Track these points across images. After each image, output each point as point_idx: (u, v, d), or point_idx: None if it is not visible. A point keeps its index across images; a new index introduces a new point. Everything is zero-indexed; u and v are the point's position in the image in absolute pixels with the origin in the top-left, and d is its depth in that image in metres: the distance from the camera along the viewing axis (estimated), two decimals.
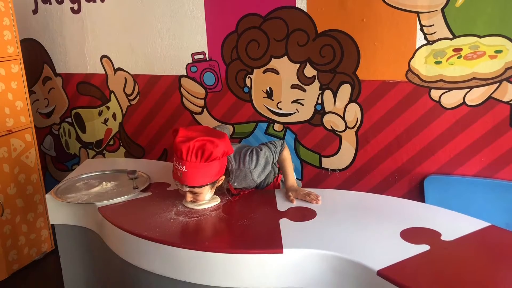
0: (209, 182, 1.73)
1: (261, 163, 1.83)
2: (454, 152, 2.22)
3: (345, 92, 2.35)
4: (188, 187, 1.71)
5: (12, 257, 2.67)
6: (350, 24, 2.24)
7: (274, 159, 1.88)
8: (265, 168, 1.85)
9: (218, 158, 1.70)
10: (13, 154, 2.63)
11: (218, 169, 1.74)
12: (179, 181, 1.72)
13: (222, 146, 1.70)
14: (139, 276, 1.66)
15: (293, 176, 1.93)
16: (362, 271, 1.36)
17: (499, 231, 1.53)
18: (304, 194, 1.80)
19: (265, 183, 1.99)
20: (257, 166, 1.82)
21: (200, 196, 1.76)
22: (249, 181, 1.84)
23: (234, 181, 1.84)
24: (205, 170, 1.69)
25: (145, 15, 2.69)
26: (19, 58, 2.64)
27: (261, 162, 1.83)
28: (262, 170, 1.84)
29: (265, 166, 1.85)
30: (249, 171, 1.82)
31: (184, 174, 1.68)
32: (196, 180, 1.70)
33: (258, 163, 1.82)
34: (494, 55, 2.03)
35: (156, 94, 2.82)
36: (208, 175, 1.71)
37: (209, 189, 1.76)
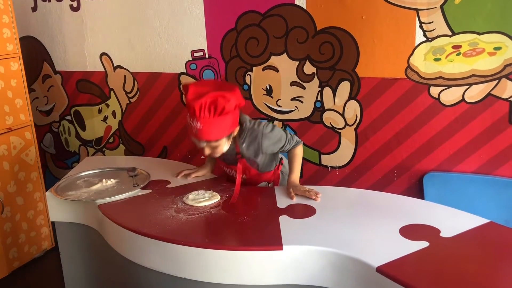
0: (224, 136, 1.76)
1: (276, 134, 1.86)
2: (453, 149, 2.22)
3: (344, 89, 2.35)
4: (205, 142, 1.74)
5: (13, 255, 2.68)
6: (349, 21, 2.24)
7: (286, 144, 1.89)
8: (276, 144, 1.87)
9: (231, 111, 1.72)
10: (13, 152, 2.63)
11: (232, 121, 1.76)
12: (194, 137, 1.75)
13: (234, 99, 1.72)
14: (139, 273, 1.67)
15: (298, 173, 1.93)
16: (362, 268, 1.36)
17: (498, 227, 1.54)
18: (304, 191, 1.81)
19: (266, 168, 1.98)
20: (271, 134, 1.85)
21: (218, 149, 1.79)
22: (257, 146, 1.85)
23: (244, 141, 1.86)
24: (219, 124, 1.71)
25: (145, 12, 2.69)
26: (18, 56, 2.64)
27: (276, 133, 1.86)
28: (274, 143, 1.86)
29: (277, 141, 1.87)
30: (261, 133, 1.84)
31: (199, 131, 1.71)
32: (212, 135, 1.73)
33: (273, 132, 1.85)
34: (493, 52, 2.04)
35: (155, 92, 2.82)
36: (223, 129, 1.74)
37: (225, 141, 1.79)
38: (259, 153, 1.89)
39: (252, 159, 1.91)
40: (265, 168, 1.98)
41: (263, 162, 1.95)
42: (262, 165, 1.96)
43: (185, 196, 1.84)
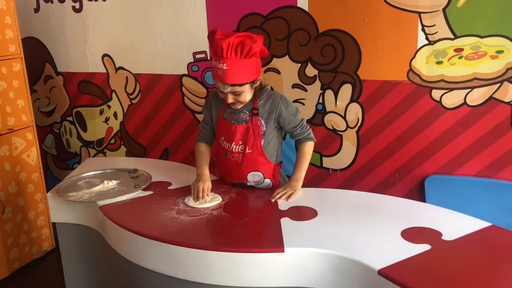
0: (249, 80, 1.79)
1: (294, 107, 1.89)
2: (455, 152, 2.22)
3: (346, 92, 2.35)
4: (230, 86, 1.76)
5: (13, 256, 2.68)
6: (351, 24, 2.24)
7: (299, 126, 1.90)
8: (291, 116, 1.88)
9: (256, 54, 1.75)
10: (14, 153, 2.64)
11: (256, 66, 1.80)
12: (220, 81, 1.77)
13: (260, 41, 1.76)
14: (140, 274, 1.67)
15: (303, 172, 1.92)
16: (363, 270, 1.36)
17: (500, 231, 1.53)
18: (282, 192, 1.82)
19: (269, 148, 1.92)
20: (290, 103, 1.89)
21: (241, 97, 1.80)
22: (273, 107, 1.86)
23: (262, 99, 1.88)
24: (245, 66, 1.75)
25: (147, 14, 2.70)
26: (20, 57, 2.65)
27: (294, 106, 1.90)
28: (290, 113, 1.87)
29: (294, 114, 1.88)
30: (281, 98, 1.88)
31: (225, 72, 1.73)
32: (238, 78, 1.75)
33: (292, 104, 1.89)
34: (495, 55, 2.04)
35: (157, 93, 2.82)
36: (248, 73, 1.77)
37: (249, 89, 1.81)
38: (272, 116, 1.87)
39: (263, 122, 1.89)
40: (268, 148, 1.92)
41: (271, 135, 1.91)
42: (268, 138, 1.91)
43: (187, 197, 1.84)
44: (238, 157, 1.91)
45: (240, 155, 1.91)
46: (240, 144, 1.90)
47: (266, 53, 1.85)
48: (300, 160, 1.93)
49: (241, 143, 1.90)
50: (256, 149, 1.90)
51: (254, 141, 1.89)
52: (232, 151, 1.92)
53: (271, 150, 1.93)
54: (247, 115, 1.89)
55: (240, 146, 1.90)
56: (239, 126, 1.89)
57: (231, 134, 1.91)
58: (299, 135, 1.93)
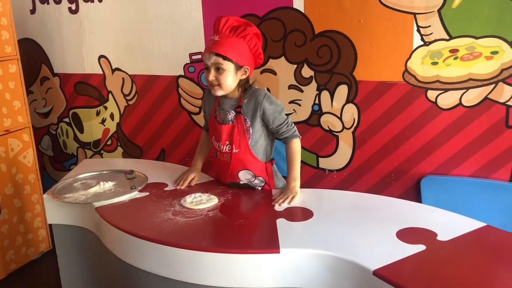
0: (234, 59, 1.80)
1: (279, 104, 1.89)
2: (450, 152, 2.23)
3: (342, 93, 2.36)
4: (215, 55, 1.79)
5: (10, 257, 2.67)
6: (347, 25, 2.25)
7: (284, 124, 1.89)
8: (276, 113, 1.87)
9: (250, 36, 1.81)
10: (11, 154, 2.63)
11: (246, 53, 1.83)
12: (207, 50, 1.82)
13: (257, 30, 1.85)
14: (136, 275, 1.67)
15: (296, 170, 1.91)
16: (359, 271, 1.37)
17: (495, 231, 1.54)
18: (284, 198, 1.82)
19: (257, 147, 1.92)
20: (274, 100, 1.89)
21: (222, 76, 1.82)
22: (256, 104, 1.86)
23: (246, 98, 1.89)
24: (235, 44, 1.80)
25: (143, 15, 2.70)
26: (16, 58, 2.64)
27: (279, 103, 1.90)
28: (274, 110, 1.87)
29: (278, 112, 1.88)
30: (265, 94, 1.88)
31: (214, 42, 1.80)
32: (224, 49, 1.79)
33: (276, 101, 1.89)
34: (490, 56, 2.05)
35: (153, 94, 2.82)
36: (236, 51, 1.80)
37: (232, 72, 1.83)
38: (256, 114, 1.87)
39: (248, 121, 1.89)
40: (256, 148, 1.92)
41: (257, 134, 1.90)
42: (255, 137, 1.90)
43: (183, 198, 1.84)
44: (227, 157, 1.93)
45: (228, 155, 1.92)
46: (227, 144, 1.91)
47: (260, 53, 1.88)
48: (292, 158, 1.92)
49: (228, 142, 1.91)
50: (243, 148, 1.90)
51: (240, 140, 1.89)
52: (221, 151, 1.94)
53: (259, 149, 1.93)
54: (233, 115, 1.90)
55: (227, 146, 1.92)
56: (225, 126, 1.90)
57: (218, 134, 1.93)
58: (285, 133, 1.92)
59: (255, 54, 1.87)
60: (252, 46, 1.84)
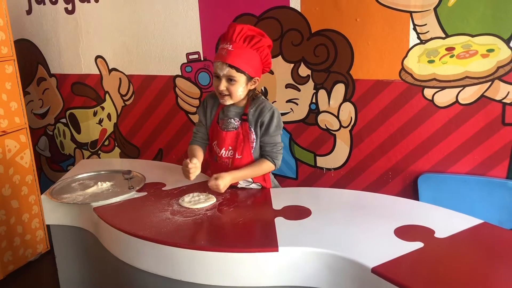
0: (247, 72, 1.79)
1: (279, 122, 1.89)
2: (447, 150, 2.24)
3: (339, 92, 2.36)
4: (228, 67, 1.76)
5: (8, 258, 2.67)
6: (344, 24, 2.25)
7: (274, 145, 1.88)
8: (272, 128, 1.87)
9: (262, 48, 1.79)
10: (8, 155, 2.63)
11: (258, 65, 1.82)
12: (221, 60, 1.77)
13: (270, 41, 1.83)
14: (135, 275, 1.67)
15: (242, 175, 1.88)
16: (357, 269, 1.37)
17: (492, 228, 1.55)
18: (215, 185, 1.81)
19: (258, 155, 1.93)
20: (277, 116, 1.88)
21: (234, 87, 1.80)
22: (259, 114, 1.86)
23: (252, 106, 1.88)
24: (249, 56, 1.78)
25: (140, 15, 2.69)
26: (13, 59, 2.64)
27: (279, 121, 1.89)
28: (271, 125, 1.86)
29: (275, 127, 1.87)
30: (270, 108, 1.87)
31: (228, 53, 1.76)
32: (239, 61, 1.76)
33: (278, 118, 1.88)
34: (486, 54, 2.05)
35: (151, 94, 2.82)
36: (250, 64, 1.78)
37: (243, 84, 1.81)
38: (258, 123, 1.87)
39: (252, 129, 1.88)
40: (257, 155, 1.92)
41: (258, 144, 1.90)
42: (256, 146, 1.90)
43: (181, 198, 1.84)
44: (228, 162, 1.93)
45: (229, 160, 1.92)
46: (230, 149, 1.91)
47: (270, 62, 1.87)
48: (251, 166, 1.88)
49: (231, 148, 1.91)
50: (245, 155, 1.90)
51: (244, 147, 1.89)
52: (222, 156, 1.94)
53: (259, 157, 1.93)
54: (237, 122, 1.90)
55: (230, 151, 1.91)
56: (229, 133, 1.90)
57: (221, 140, 1.92)
58: (267, 152, 1.90)
59: (264, 64, 1.87)
60: (263, 57, 1.83)
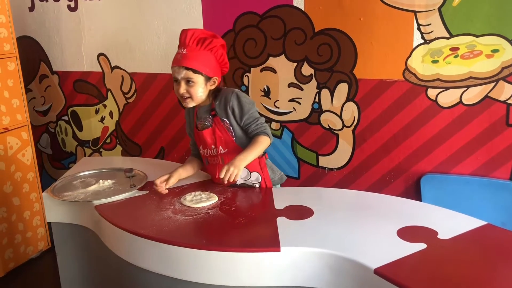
0: (204, 72, 1.82)
1: (247, 101, 1.88)
2: (450, 151, 2.22)
3: (342, 91, 2.35)
4: (185, 70, 1.80)
5: (8, 256, 2.67)
6: (347, 23, 2.24)
7: (253, 121, 1.87)
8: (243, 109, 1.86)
9: (215, 48, 1.84)
10: (9, 152, 2.63)
11: (214, 65, 1.86)
12: (177, 64, 1.82)
13: (222, 41, 1.88)
14: (136, 274, 1.66)
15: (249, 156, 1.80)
16: (359, 270, 1.36)
17: (495, 229, 1.54)
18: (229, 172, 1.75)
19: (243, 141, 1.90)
20: (243, 97, 1.88)
21: (193, 88, 1.83)
22: (225, 102, 1.87)
23: (217, 99, 1.90)
24: (203, 57, 1.82)
25: (142, 13, 2.69)
26: (15, 56, 2.64)
27: (247, 100, 1.89)
28: (241, 106, 1.85)
29: (246, 108, 1.86)
30: (233, 92, 1.89)
31: (183, 56, 1.81)
32: (194, 63, 1.80)
33: (245, 98, 1.88)
34: (490, 54, 2.04)
35: (153, 92, 2.81)
36: (205, 64, 1.82)
37: (202, 84, 1.84)
38: (228, 112, 1.88)
39: (225, 120, 1.89)
40: (243, 143, 1.90)
41: (238, 131, 1.90)
42: (237, 134, 1.90)
43: (183, 197, 1.83)
44: (218, 160, 1.93)
45: (218, 157, 1.93)
46: (213, 147, 1.92)
47: (226, 62, 1.91)
48: (250, 145, 1.84)
49: (213, 146, 1.92)
50: (231, 147, 1.91)
51: (225, 140, 1.90)
52: (211, 156, 1.95)
53: (246, 143, 1.90)
54: (210, 119, 1.92)
55: (214, 149, 1.92)
56: (205, 131, 1.92)
57: (203, 140, 1.94)
58: (254, 131, 1.88)
59: (221, 64, 1.90)
60: (218, 56, 1.87)
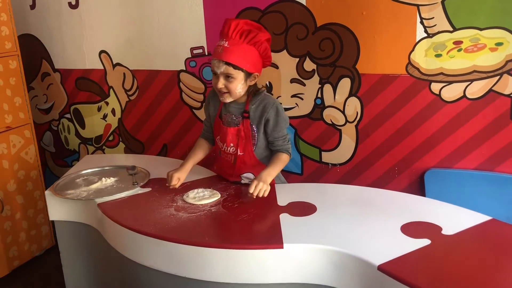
0: (245, 68, 1.75)
1: (284, 117, 1.86)
2: (454, 145, 2.21)
3: (345, 86, 2.34)
4: (225, 65, 1.73)
5: (13, 253, 2.67)
6: (349, 18, 2.23)
7: (281, 137, 1.87)
8: (278, 124, 1.85)
9: (259, 42, 1.75)
10: (13, 151, 2.63)
11: (256, 60, 1.78)
12: (217, 57, 1.74)
13: (268, 34, 1.79)
14: (139, 272, 1.66)
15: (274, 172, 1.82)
16: (363, 266, 1.36)
17: (500, 224, 1.53)
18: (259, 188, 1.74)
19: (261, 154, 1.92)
20: (281, 111, 1.85)
21: (232, 84, 1.77)
22: (262, 111, 1.84)
23: (254, 103, 1.86)
24: (245, 52, 1.74)
25: (144, 9, 2.68)
26: (17, 54, 2.63)
27: (284, 116, 1.87)
28: (277, 121, 1.84)
29: (280, 123, 1.85)
30: (273, 103, 1.84)
31: (224, 49, 1.72)
32: (235, 58, 1.72)
33: (283, 113, 1.86)
34: (494, 47, 2.02)
35: (155, 89, 2.80)
36: (247, 59, 1.74)
37: (242, 80, 1.78)
38: (261, 121, 1.85)
39: (254, 126, 1.87)
40: (260, 153, 1.91)
41: (262, 140, 1.89)
42: (259, 142, 1.89)
43: (185, 194, 1.83)
44: (231, 158, 1.92)
45: (232, 156, 1.92)
46: (232, 146, 1.90)
47: (269, 56, 1.83)
48: (275, 162, 1.84)
49: (233, 145, 1.90)
50: (247, 152, 1.90)
51: (245, 144, 1.88)
52: (225, 152, 1.93)
53: (263, 154, 1.93)
54: (239, 119, 1.88)
55: (231, 148, 1.90)
56: (230, 129, 1.89)
57: (223, 135, 1.91)
58: (278, 146, 1.89)
59: (264, 58, 1.83)
60: (262, 51, 1.79)
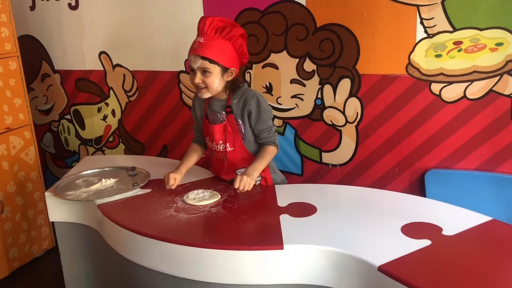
0: (221, 62, 1.77)
1: (266, 108, 1.87)
2: (455, 146, 2.21)
3: (345, 87, 2.33)
4: (201, 59, 1.75)
5: (13, 255, 2.67)
6: (349, 18, 2.22)
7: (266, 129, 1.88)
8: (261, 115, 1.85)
9: (234, 37, 1.78)
10: (12, 152, 2.63)
11: (232, 55, 1.80)
12: (193, 53, 1.77)
13: (242, 30, 1.81)
14: (139, 273, 1.66)
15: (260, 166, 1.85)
16: (363, 267, 1.35)
17: (501, 225, 1.53)
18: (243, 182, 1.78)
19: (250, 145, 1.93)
20: (263, 102, 1.86)
21: (209, 79, 1.79)
22: (243, 104, 1.85)
23: (236, 98, 1.87)
24: (221, 47, 1.77)
25: (144, 10, 2.68)
26: (17, 55, 2.63)
27: (266, 107, 1.88)
28: (259, 112, 1.85)
29: (263, 114, 1.86)
30: (254, 95, 1.85)
31: (200, 45, 1.76)
32: (211, 52, 1.75)
33: (265, 103, 1.86)
34: (494, 48, 2.02)
35: (155, 90, 2.80)
36: (222, 54, 1.77)
37: (219, 74, 1.80)
38: (244, 114, 1.86)
39: (239, 120, 1.88)
40: (250, 146, 1.92)
41: (249, 134, 1.91)
42: (247, 136, 1.90)
43: (185, 195, 1.83)
44: (222, 156, 1.93)
45: (223, 153, 1.93)
46: (221, 143, 1.92)
47: (245, 53, 1.85)
48: (261, 155, 1.87)
49: (221, 142, 1.91)
50: (237, 146, 1.91)
51: (234, 139, 1.90)
52: (216, 150, 1.95)
53: (253, 147, 1.94)
54: (223, 115, 1.90)
55: (221, 145, 1.92)
56: (216, 126, 1.90)
57: (211, 133, 1.93)
58: (264, 139, 1.90)
59: (240, 54, 1.85)
60: (237, 46, 1.82)
